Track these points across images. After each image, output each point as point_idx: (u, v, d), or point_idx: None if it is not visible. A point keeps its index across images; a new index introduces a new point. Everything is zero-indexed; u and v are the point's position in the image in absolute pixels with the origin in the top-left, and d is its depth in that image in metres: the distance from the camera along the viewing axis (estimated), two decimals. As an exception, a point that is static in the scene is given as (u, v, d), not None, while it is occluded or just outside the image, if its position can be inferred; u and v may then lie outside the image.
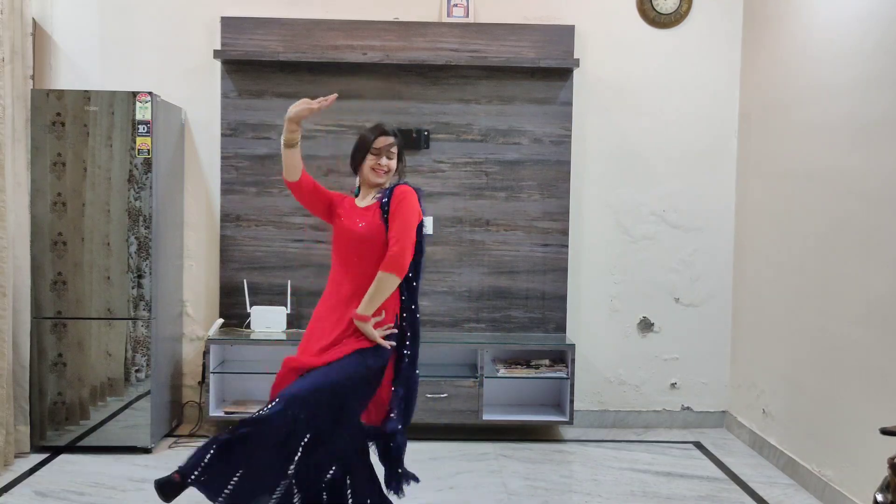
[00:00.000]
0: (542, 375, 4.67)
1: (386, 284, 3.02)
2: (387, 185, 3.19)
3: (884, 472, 2.57)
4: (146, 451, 4.29)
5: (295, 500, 2.90)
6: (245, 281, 4.77)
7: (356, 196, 3.25)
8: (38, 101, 4.21)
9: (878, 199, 3.43)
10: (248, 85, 4.78)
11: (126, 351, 4.28)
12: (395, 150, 3.18)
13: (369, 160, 3.15)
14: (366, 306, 3.02)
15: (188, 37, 4.79)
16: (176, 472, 2.85)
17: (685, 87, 4.90)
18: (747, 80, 4.82)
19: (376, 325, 3.04)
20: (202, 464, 2.84)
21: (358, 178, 3.22)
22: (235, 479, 2.83)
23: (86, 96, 4.21)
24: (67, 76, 4.74)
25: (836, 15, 3.83)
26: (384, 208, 3.11)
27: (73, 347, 4.26)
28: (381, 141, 3.15)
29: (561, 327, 4.88)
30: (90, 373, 4.27)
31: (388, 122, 3.41)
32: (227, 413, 4.58)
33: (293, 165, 3.17)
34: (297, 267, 4.84)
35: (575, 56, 4.78)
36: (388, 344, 3.04)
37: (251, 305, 4.74)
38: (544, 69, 4.76)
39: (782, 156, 4.34)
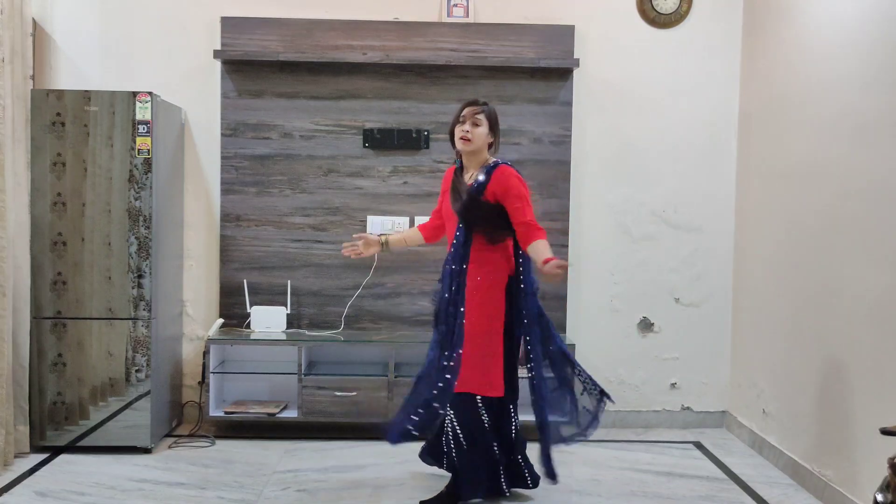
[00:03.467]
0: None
1: (538, 249, 3.39)
2: (478, 155, 3.53)
3: (884, 472, 2.58)
4: (146, 451, 4.29)
5: None
6: (245, 281, 4.77)
7: (458, 166, 3.61)
8: (38, 101, 4.21)
9: (878, 198, 3.43)
10: (248, 85, 4.78)
11: (126, 351, 4.28)
12: (481, 117, 3.45)
13: (457, 129, 3.48)
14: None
15: (188, 37, 4.79)
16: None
17: (685, 87, 4.90)
18: (747, 80, 4.82)
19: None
20: None
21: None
22: None
23: (86, 96, 4.21)
24: (67, 76, 4.74)
25: (836, 15, 3.83)
26: (479, 187, 3.43)
27: (73, 347, 4.26)
28: (468, 110, 3.45)
29: (561, 327, 4.87)
30: (90, 373, 4.27)
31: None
32: (226, 413, 4.58)
33: (416, 241, 3.92)
34: (297, 267, 4.84)
35: (575, 56, 4.78)
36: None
37: (251, 305, 4.74)
38: (544, 69, 4.76)
39: (782, 155, 4.34)
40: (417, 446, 4.47)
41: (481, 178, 3.47)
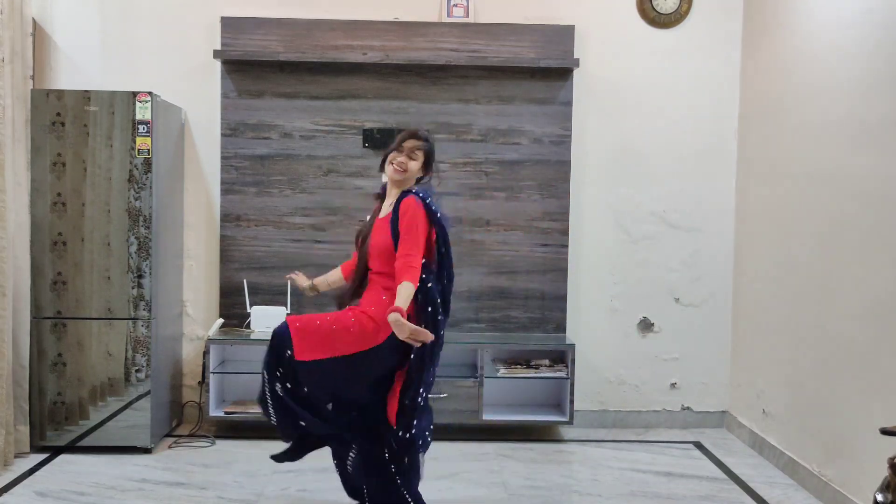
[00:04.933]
0: (542, 375, 4.68)
1: (398, 291, 3.06)
2: (404, 185, 3.33)
3: (884, 472, 2.58)
4: (146, 451, 4.29)
5: None
6: (245, 281, 4.77)
7: (382, 197, 3.41)
8: (38, 101, 4.21)
9: (878, 199, 3.43)
10: (248, 85, 4.78)
11: (126, 351, 4.28)
12: (419, 153, 3.32)
13: (392, 156, 3.31)
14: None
15: (188, 37, 4.79)
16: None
17: (685, 87, 4.90)
18: (747, 80, 4.82)
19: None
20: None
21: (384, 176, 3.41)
22: None
23: (86, 96, 4.21)
24: (67, 76, 4.74)
25: (836, 15, 3.83)
26: (394, 216, 3.24)
27: (73, 347, 4.26)
28: (409, 142, 3.32)
29: (561, 327, 4.88)
30: (90, 373, 4.27)
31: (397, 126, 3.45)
32: (227, 413, 4.58)
33: (338, 282, 3.60)
34: (297, 267, 4.81)
35: (575, 56, 4.78)
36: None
37: (251, 305, 4.74)
38: (544, 69, 4.76)
39: (782, 156, 4.34)
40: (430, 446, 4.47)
41: (393, 209, 3.28)
